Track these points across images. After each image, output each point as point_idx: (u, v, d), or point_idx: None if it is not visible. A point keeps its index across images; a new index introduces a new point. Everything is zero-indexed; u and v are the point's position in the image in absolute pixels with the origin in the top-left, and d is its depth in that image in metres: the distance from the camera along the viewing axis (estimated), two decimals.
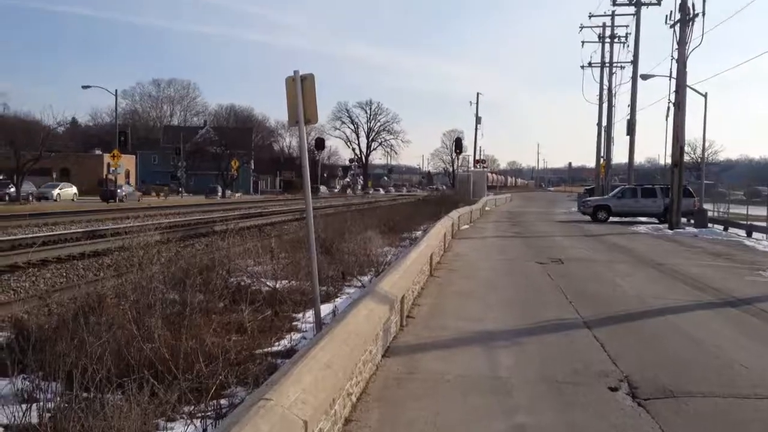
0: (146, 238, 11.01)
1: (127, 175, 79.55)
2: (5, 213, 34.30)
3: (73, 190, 61.34)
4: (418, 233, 20.29)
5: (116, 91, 58.51)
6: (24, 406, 5.07)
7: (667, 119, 30.44)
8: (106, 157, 61.37)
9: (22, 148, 52.25)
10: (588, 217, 35.54)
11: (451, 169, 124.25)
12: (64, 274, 15.59)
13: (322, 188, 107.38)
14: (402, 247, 17.28)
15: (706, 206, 33.80)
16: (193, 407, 5.32)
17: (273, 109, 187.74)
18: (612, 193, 37.91)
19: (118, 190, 57.99)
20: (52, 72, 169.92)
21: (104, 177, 59.76)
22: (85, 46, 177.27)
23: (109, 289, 8.09)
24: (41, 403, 5.10)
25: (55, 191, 58.15)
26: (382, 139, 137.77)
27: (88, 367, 5.14)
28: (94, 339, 5.78)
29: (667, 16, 28.84)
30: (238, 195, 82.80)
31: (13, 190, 51.75)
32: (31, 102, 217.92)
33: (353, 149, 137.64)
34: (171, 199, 65.53)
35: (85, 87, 57.52)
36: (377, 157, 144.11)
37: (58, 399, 5.20)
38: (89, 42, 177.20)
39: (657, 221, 32.70)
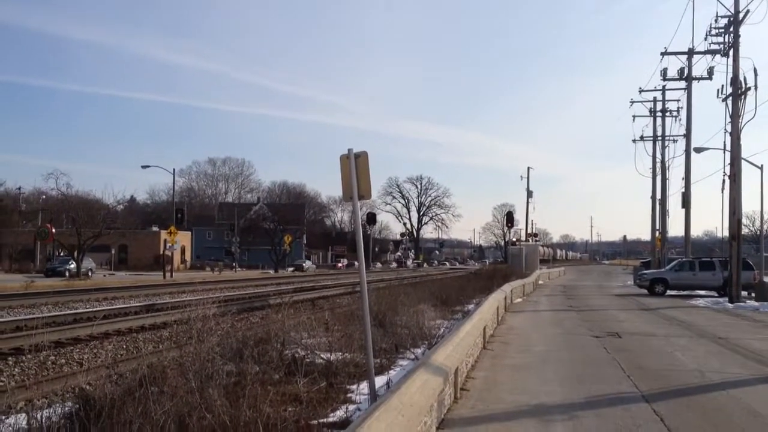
0: (204, 311, 11.26)
1: (183, 251, 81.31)
2: (67, 288, 35.37)
3: None
4: (471, 306, 20.20)
5: (174, 170, 60.61)
6: None
7: (723, 192, 30.01)
8: (163, 234, 63.01)
9: (83, 225, 54.10)
10: (644, 291, 34.90)
11: (502, 243, 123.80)
12: (125, 346, 15.97)
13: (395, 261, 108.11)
14: (454, 320, 17.22)
15: (766, 279, 32.85)
16: None
17: (324, 185, 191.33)
18: (669, 266, 37.18)
19: (303, 264, 75.30)
20: (112, 152, 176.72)
21: (161, 253, 61.22)
22: (144, 127, 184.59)
23: (170, 360, 8.31)
24: None
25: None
26: (433, 214, 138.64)
27: None
28: (158, 408, 5.96)
29: (718, 90, 28.72)
30: (290, 270, 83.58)
31: (73, 266, 53.29)
32: (92, 181, 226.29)
33: (404, 224, 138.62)
34: (225, 274, 66.49)
35: (144, 167, 59.88)
36: (428, 231, 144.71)
37: None
38: (148, 123, 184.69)
39: (716, 294, 31.92)
